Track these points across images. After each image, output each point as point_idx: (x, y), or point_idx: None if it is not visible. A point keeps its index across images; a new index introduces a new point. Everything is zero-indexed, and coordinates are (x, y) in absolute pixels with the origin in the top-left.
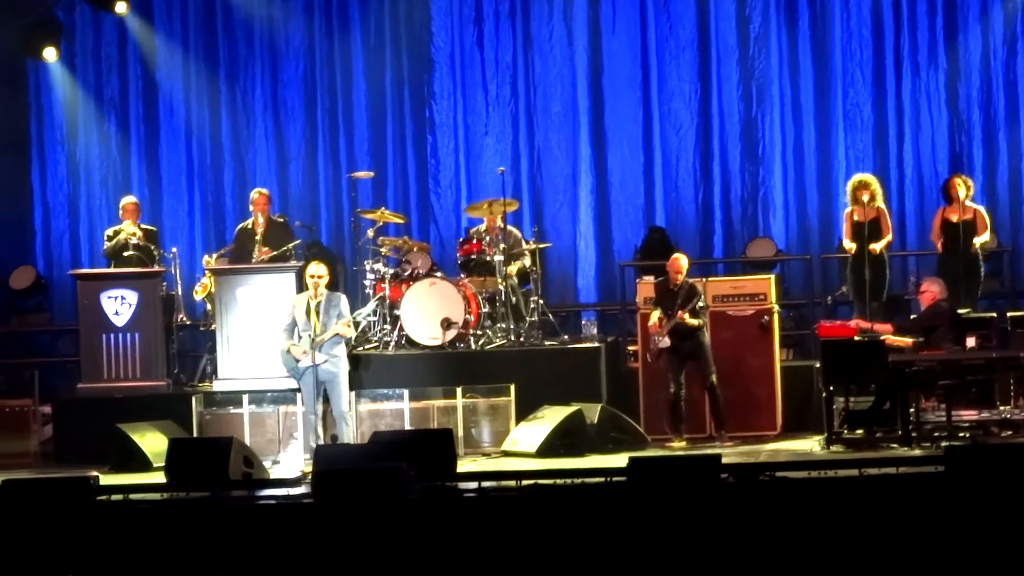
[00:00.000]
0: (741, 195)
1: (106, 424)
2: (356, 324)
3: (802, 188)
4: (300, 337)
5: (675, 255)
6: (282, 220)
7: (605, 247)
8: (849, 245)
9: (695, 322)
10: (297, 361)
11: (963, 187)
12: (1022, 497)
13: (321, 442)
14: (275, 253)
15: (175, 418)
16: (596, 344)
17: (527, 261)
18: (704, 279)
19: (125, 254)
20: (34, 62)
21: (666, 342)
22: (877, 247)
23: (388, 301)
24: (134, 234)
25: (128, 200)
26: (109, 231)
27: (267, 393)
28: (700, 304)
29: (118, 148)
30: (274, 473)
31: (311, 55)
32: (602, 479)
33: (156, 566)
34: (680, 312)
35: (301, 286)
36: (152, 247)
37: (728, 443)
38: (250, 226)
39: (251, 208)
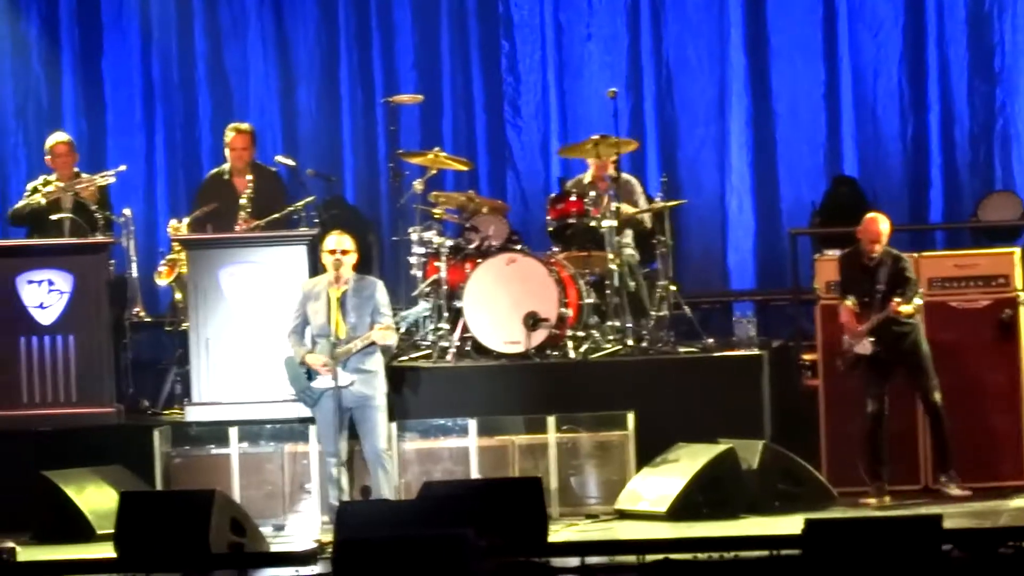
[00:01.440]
0: (970, 129)
1: (26, 472)
2: (398, 325)
3: None
4: (315, 343)
5: (871, 215)
6: (273, 171)
7: (768, 206)
8: None
9: (908, 309)
10: (311, 379)
11: None
12: None
13: (347, 498)
14: (262, 223)
15: (129, 462)
16: (755, 351)
17: (651, 228)
18: (916, 254)
19: (53, 216)
20: None
21: (867, 346)
22: None
23: (446, 288)
24: (71, 189)
25: (57, 139)
26: (30, 187)
27: (266, 425)
28: (919, 293)
29: (42, 62)
30: (277, 545)
31: None
32: (765, 552)
33: None
34: (894, 303)
35: (316, 266)
36: (94, 208)
37: (956, 492)
38: (227, 176)
39: (227, 151)
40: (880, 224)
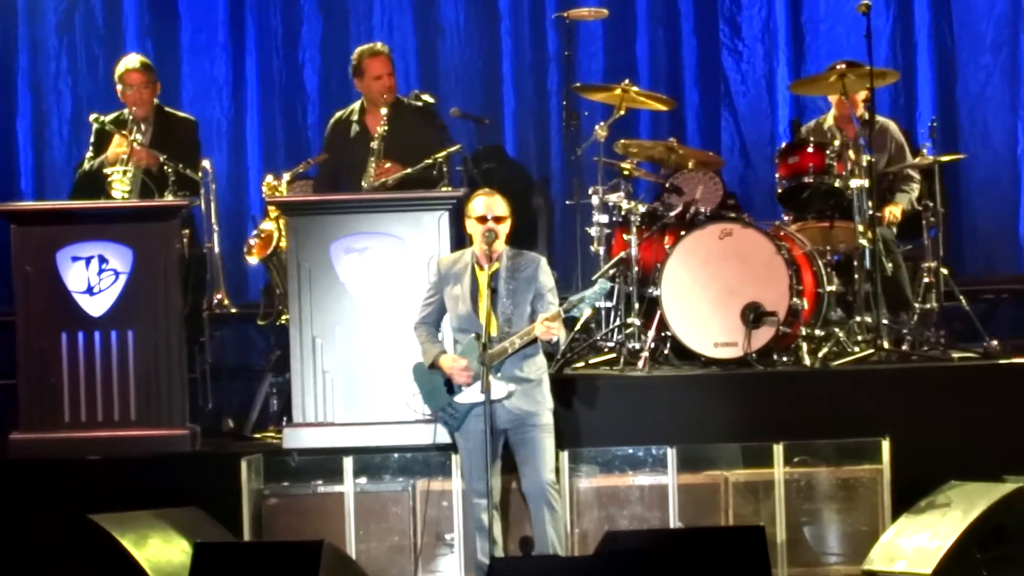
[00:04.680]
0: None
1: (69, 515)
2: (572, 317)
3: None
4: (455, 342)
5: None
6: (421, 104)
7: None
8: None
9: None
10: (452, 392)
11: None
12: None
13: (501, 552)
14: (409, 172)
15: (207, 503)
16: None
17: (918, 191)
18: None
19: (107, 171)
20: None
21: None
22: None
23: (637, 269)
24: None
25: (129, 64)
26: (101, 117)
27: (391, 454)
28: None
29: None
30: None
31: None
32: None
33: None
34: None
35: (462, 239)
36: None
37: None
38: (357, 118)
39: (357, 83)
40: None
